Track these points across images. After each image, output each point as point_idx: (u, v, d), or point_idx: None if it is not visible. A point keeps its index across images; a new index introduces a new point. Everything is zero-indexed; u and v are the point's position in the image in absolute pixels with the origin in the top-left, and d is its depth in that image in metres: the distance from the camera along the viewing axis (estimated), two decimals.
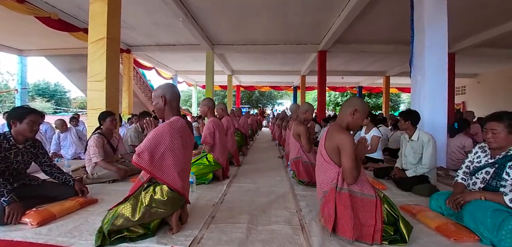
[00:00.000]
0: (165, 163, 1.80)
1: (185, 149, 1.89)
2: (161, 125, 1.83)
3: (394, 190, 2.97)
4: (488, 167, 2.02)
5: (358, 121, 1.87)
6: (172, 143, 1.79)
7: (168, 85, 2.00)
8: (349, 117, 1.87)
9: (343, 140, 1.74)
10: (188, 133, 1.96)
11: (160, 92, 1.93)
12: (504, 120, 1.92)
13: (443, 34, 3.72)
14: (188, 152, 1.94)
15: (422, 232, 1.88)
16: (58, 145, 4.91)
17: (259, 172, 3.84)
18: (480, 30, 8.20)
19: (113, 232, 1.75)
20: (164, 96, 1.91)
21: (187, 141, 1.92)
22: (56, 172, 2.56)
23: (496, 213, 1.75)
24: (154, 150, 1.75)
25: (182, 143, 1.85)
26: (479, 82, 15.10)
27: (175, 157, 1.81)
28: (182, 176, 1.86)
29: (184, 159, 1.88)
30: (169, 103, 1.93)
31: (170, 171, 1.80)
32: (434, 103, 3.69)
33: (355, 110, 1.85)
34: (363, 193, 1.77)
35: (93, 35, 4.07)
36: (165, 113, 1.94)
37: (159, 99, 1.92)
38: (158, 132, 1.78)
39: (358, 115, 1.86)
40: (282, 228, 1.93)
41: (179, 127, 1.85)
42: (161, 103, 1.92)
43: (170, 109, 1.94)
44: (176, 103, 1.97)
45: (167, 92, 1.93)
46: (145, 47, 10.23)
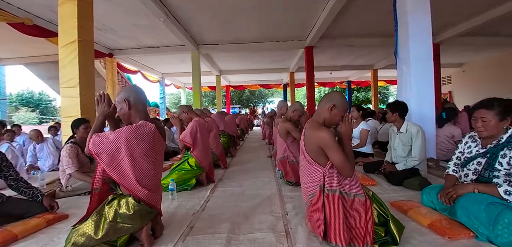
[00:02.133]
0: (124, 169, 1.61)
1: (150, 156, 1.70)
2: (125, 127, 1.64)
3: (384, 185, 2.87)
4: (479, 158, 1.92)
5: (335, 117, 1.73)
6: (133, 149, 1.61)
7: (131, 87, 1.82)
8: (327, 113, 1.73)
9: (323, 138, 1.60)
10: (158, 139, 1.78)
11: (122, 96, 1.75)
12: (494, 107, 1.81)
13: (426, 22, 3.66)
14: (155, 159, 1.75)
15: (414, 230, 1.77)
16: (35, 157, 4.63)
17: (246, 173, 3.68)
18: (462, 19, 8.28)
19: None
20: (128, 100, 1.73)
21: (155, 147, 1.74)
22: (23, 187, 2.35)
23: (491, 207, 1.64)
24: (115, 153, 1.58)
25: (146, 149, 1.66)
26: (464, 71, 15.37)
27: (135, 166, 1.62)
28: (148, 184, 1.68)
29: (151, 166, 1.70)
30: (134, 106, 1.75)
31: (130, 178, 1.62)
32: (420, 93, 3.62)
33: (333, 105, 1.71)
34: (352, 194, 1.63)
35: (63, 39, 3.83)
36: (132, 118, 1.76)
37: (122, 103, 1.74)
38: (120, 134, 1.60)
39: (336, 111, 1.71)
40: (265, 236, 1.77)
41: (146, 132, 1.67)
42: (125, 108, 1.73)
43: (136, 113, 1.76)
44: (143, 106, 1.79)
45: (130, 95, 1.75)
46: (128, 50, 9.90)
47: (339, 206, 1.56)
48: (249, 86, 20.57)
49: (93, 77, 4.10)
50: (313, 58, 9.93)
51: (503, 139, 1.82)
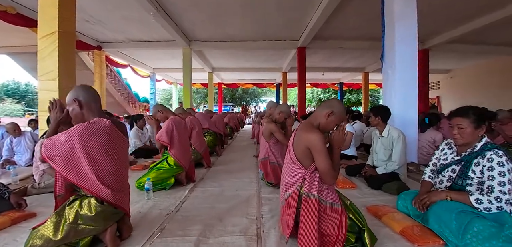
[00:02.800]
0: (83, 169, 1.54)
1: (109, 153, 1.62)
2: (76, 126, 1.57)
3: (364, 188, 2.86)
4: (454, 165, 1.92)
5: (330, 124, 1.69)
6: (88, 147, 1.53)
7: (80, 86, 1.73)
8: (324, 118, 1.69)
9: (313, 140, 1.56)
10: (116, 135, 1.69)
11: (71, 96, 1.66)
12: (470, 115, 1.81)
13: (413, 28, 3.68)
14: (115, 157, 1.67)
15: (386, 236, 1.76)
16: (11, 151, 4.46)
17: (229, 173, 3.63)
18: (451, 27, 8.43)
19: None
20: (78, 99, 1.65)
21: (113, 144, 1.66)
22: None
23: (461, 215, 1.64)
24: (69, 154, 1.51)
25: (103, 146, 1.59)
26: (452, 77, 15.67)
27: (94, 163, 1.55)
28: (110, 183, 1.61)
29: (113, 163, 1.63)
30: (86, 105, 1.66)
31: (90, 178, 1.55)
32: (404, 97, 3.64)
33: (331, 112, 1.67)
34: (328, 202, 1.59)
35: (43, 29, 3.69)
36: (85, 118, 1.66)
37: (73, 104, 1.65)
38: (71, 133, 1.52)
39: (332, 118, 1.68)
40: (236, 240, 1.73)
41: (99, 128, 1.60)
42: (77, 108, 1.65)
43: (90, 111, 1.67)
44: (96, 104, 1.70)
45: (80, 94, 1.66)
46: (117, 44, 9.69)
47: (315, 212, 1.53)
48: (242, 85, 20.49)
49: (74, 70, 3.96)
50: (305, 59, 9.94)
51: (477, 148, 1.82)
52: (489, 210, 1.64)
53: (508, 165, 1.67)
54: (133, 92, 15.35)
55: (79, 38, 8.31)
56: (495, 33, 8.85)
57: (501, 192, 1.62)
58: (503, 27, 8.02)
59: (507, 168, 1.66)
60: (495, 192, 1.63)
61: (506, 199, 1.62)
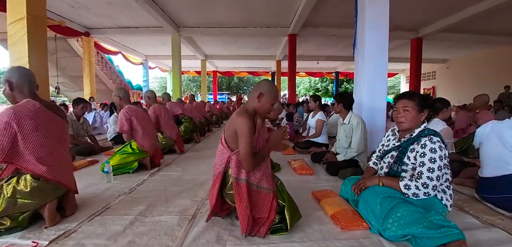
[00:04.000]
0: (19, 150, 1.61)
1: (43, 132, 1.68)
2: (4, 109, 1.62)
3: (322, 175, 2.91)
4: (393, 151, 1.94)
5: (265, 105, 1.69)
6: (19, 128, 1.59)
7: (15, 67, 1.77)
8: (256, 101, 1.69)
9: (240, 124, 1.58)
10: (48, 116, 1.74)
11: (4, 77, 1.71)
12: (415, 98, 1.84)
13: (384, 14, 3.61)
14: (50, 136, 1.72)
15: (317, 219, 1.81)
16: None
17: (198, 159, 3.69)
18: (445, 14, 8.29)
19: None
20: (9, 81, 1.69)
21: (46, 124, 1.71)
22: None
23: (387, 200, 1.66)
24: (0, 138, 1.55)
25: (35, 126, 1.64)
26: (448, 67, 15.54)
27: (28, 142, 1.61)
28: (46, 161, 1.67)
29: (45, 143, 1.68)
30: (18, 87, 1.70)
31: (27, 157, 1.62)
32: (373, 85, 3.63)
33: (260, 94, 1.67)
34: (260, 186, 1.64)
35: (11, 15, 3.69)
36: (16, 99, 1.71)
37: (4, 84, 1.70)
38: (1, 118, 1.57)
39: (264, 99, 1.67)
40: (170, 219, 1.79)
41: (29, 109, 1.64)
42: (7, 89, 1.70)
43: (21, 94, 1.71)
44: (29, 87, 1.73)
45: (12, 76, 1.70)
46: (105, 30, 9.64)
47: (245, 196, 1.58)
48: (237, 73, 20.41)
49: (45, 56, 3.98)
50: (297, 46, 9.88)
51: (415, 133, 1.84)
52: (417, 196, 1.65)
53: (440, 152, 1.66)
54: (126, 79, 15.32)
55: (65, 24, 8.26)
56: (490, 22, 8.72)
57: (429, 178, 1.62)
58: (498, 16, 7.91)
59: (439, 154, 1.65)
60: (423, 177, 1.63)
61: (433, 185, 1.62)
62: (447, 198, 1.76)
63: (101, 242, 1.51)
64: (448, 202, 1.76)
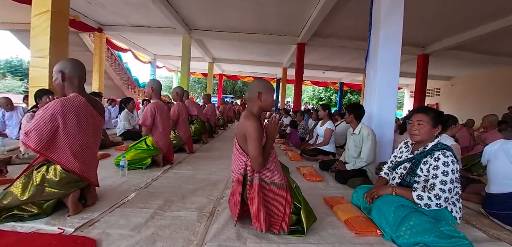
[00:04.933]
0: (57, 143, 1.68)
1: (83, 128, 1.76)
2: (53, 102, 1.69)
3: (330, 182, 2.97)
4: (406, 162, 2.02)
5: (268, 99, 1.80)
6: (64, 122, 1.66)
7: (70, 59, 1.85)
8: (258, 102, 1.79)
9: (247, 127, 1.67)
10: (89, 112, 1.82)
11: (58, 67, 1.79)
12: (430, 113, 1.92)
13: (398, 32, 3.71)
14: (88, 132, 1.80)
15: (331, 224, 1.87)
16: (3, 124, 4.63)
17: (207, 159, 3.76)
18: (453, 33, 8.39)
19: (3, 210, 1.65)
20: (63, 72, 1.78)
21: (87, 120, 1.79)
22: None
23: (400, 209, 1.74)
24: (42, 128, 1.62)
25: (78, 122, 1.72)
26: (452, 85, 15.59)
27: (69, 137, 1.69)
28: (80, 157, 1.74)
29: (82, 139, 1.76)
30: (69, 79, 1.79)
31: (63, 151, 1.69)
32: (384, 98, 3.70)
33: (259, 93, 1.78)
34: (273, 182, 1.72)
35: (36, 7, 3.83)
36: (65, 90, 1.80)
37: (57, 74, 1.78)
38: (47, 110, 1.65)
39: (264, 96, 1.78)
40: (189, 215, 1.86)
41: (76, 104, 1.73)
42: (59, 79, 1.78)
43: (70, 86, 1.80)
44: (78, 80, 1.83)
45: (66, 67, 1.79)
46: (118, 27, 9.81)
47: (259, 194, 1.65)
48: (242, 77, 20.55)
49: (66, 50, 4.10)
50: (305, 55, 9.98)
51: (428, 147, 1.91)
52: (429, 206, 1.73)
53: (453, 166, 1.74)
54: (133, 77, 15.50)
55: (80, 19, 8.43)
56: (496, 43, 8.81)
57: (441, 190, 1.70)
58: (504, 37, 7.98)
59: (452, 168, 1.73)
60: (436, 189, 1.71)
61: (445, 197, 1.71)
62: (457, 210, 1.83)
63: (125, 233, 1.57)
64: (457, 214, 1.83)
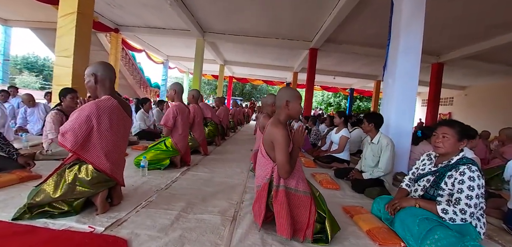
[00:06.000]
0: (91, 144, 1.74)
1: (114, 130, 1.82)
2: (88, 103, 1.75)
3: (347, 191, 2.96)
4: (429, 175, 2.01)
5: (296, 107, 1.84)
6: (98, 123, 1.72)
7: (101, 63, 1.92)
8: (286, 110, 1.83)
9: (276, 134, 1.70)
10: (120, 114, 1.88)
11: (90, 70, 1.86)
12: (456, 127, 1.91)
13: (417, 41, 3.68)
14: (119, 134, 1.86)
15: (353, 234, 1.87)
16: (25, 120, 4.79)
17: (222, 162, 3.80)
18: (468, 42, 8.24)
19: (35, 207, 1.71)
20: (95, 74, 1.84)
21: (117, 122, 1.85)
22: (1, 142, 2.48)
23: (425, 222, 1.73)
24: (78, 129, 1.68)
25: (110, 123, 1.78)
26: (466, 95, 15.25)
27: (102, 138, 1.75)
28: (110, 157, 1.80)
29: (113, 140, 1.81)
30: (101, 81, 1.86)
31: (96, 152, 1.75)
32: (402, 108, 3.67)
33: (286, 101, 1.82)
34: (298, 190, 1.74)
35: (63, 9, 3.96)
36: (98, 92, 1.87)
37: (90, 77, 1.84)
38: (83, 111, 1.71)
39: (292, 104, 1.83)
40: (212, 218, 1.89)
41: (109, 106, 1.79)
42: (92, 81, 1.84)
43: (102, 88, 1.87)
44: (110, 82, 1.90)
45: (98, 70, 1.85)
46: (134, 28, 10.02)
47: (285, 201, 1.67)
48: (252, 80, 20.62)
49: (88, 51, 4.22)
50: (317, 61, 9.96)
51: (453, 161, 1.90)
52: (454, 220, 1.72)
53: (479, 181, 1.73)
54: (146, 77, 15.78)
55: (99, 20, 8.66)
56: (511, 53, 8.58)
57: (467, 205, 1.69)
58: None
59: (477, 183, 1.72)
60: (461, 204, 1.70)
61: (471, 212, 1.69)
62: (481, 225, 1.81)
63: (153, 234, 1.61)
64: (481, 230, 1.80)
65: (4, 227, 1.57)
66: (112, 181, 1.87)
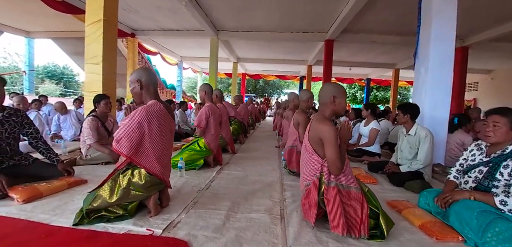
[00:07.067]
0: (143, 148, 1.78)
1: (163, 133, 1.86)
2: (137, 109, 1.80)
3: (385, 185, 2.90)
4: (481, 166, 1.93)
5: (341, 104, 1.83)
6: (149, 128, 1.76)
7: (144, 68, 1.97)
8: (332, 105, 1.82)
9: (325, 131, 1.69)
10: (167, 118, 1.92)
11: (135, 77, 1.90)
12: (508, 115, 1.82)
13: (451, 26, 3.52)
14: (167, 137, 1.91)
15: (405, 229, 1.83)
16: (59, 127, 4.99)
17: (252, 160, 3.81)
18: (494, 23, 7.81)
19: (92, 212, 1.77)
20: (140, 80, 1.88)
21: (165, 125, 1.89)
22: (41, 147, 2.51)
23: (483, 214, 1.67)
24: (132, 135, 1.73)
25: (159, 127, 1.82)
26: (492, 79, 14.50)
27: (153, 142, 1.79)
28: (161, 160, 1.85)
29: (162, 143, 1.86)
30: (146, 87, 1.90)
31: (149, 156, 1.79)
32: (436, 97, 3.54)
33: (333, 96, 1.81)
34: (348, 186, 1.71)
35: (90, 17, 4.05)
36: (143, 97, 1.91)
37: (135, 83, 1.88)
38: (134, 117, 1.75)
39: (338, 99, 1.82)
40: (261, 217, 1.90)
41: (157, 111, 1.83)
42: (137, 87, 1.88)
43: (148, 93, 1.91)
44: (153, 87, 1.94)
45: (142, 76, 1.89)
46: (149, 32, 10.18)
47: (337, 198, 1.65)
48: (265, 76, 20.53)
49: (115, 56, 4.33)
50: (333, 52, 9.77)
51: (508, 150, 1.82)
52: None
53: None
54: (161, 78, 16.07)
55: None
56: None
57: None
58: None
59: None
60: None
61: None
62: None
63: (209, 235, 1.63)
64: None
65: (67, 233, 1.64)
66: (162, 183, 1.92)
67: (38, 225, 1.69)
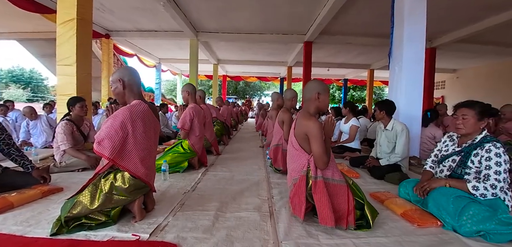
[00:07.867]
0: (127, 150, 1.70)
1: (148, 134, 1.79)
2: (121, 109, 1.71)
3: (367, 178, 3.02)
4: (454, 155, 2.07)
5: (325, 101, 1.89)
6: (132, 128, 1.69)
7: (126, 68, 1.90)
8: (316, 102, 1.88)
9: (310, 127, 1.73)
10: (152, 118, 1.86)
11: (117, 76, 1.81)
12: (475, 107, 1.97)
13: (421, 28, 3.76)
14: (151, 138, 1.84)
15: (388, 218, 1.91)
16: (28, 133, 4.65)
17: (237, 161, 3.80)
18: (459, 26, 8.43)
19: (71, 220, 1.67)
20: (122, 80, 1.80)
21: (150, 126, 1.83)
22: (14, 154, 2.36)
23: (458, 199, 1.80)
24: (115, 136, 1.65)
25: (144, 128, 1.75)
26: (458, 77, 15.66)
27: (137, 143, 1.72)
28: (145, 162, 1.78)
29: (147, 145, 1.79)
30: (129, 86, 1.82)
31: (132, 158, 1.72)
32: (410, 94, 3.75)
33: (318, 93, 1.86)
34: (334, 179, 1.76)
35: (61, 16, 3.83)
36: (126, 97, 1.83)
37: (117, 83, 1.80)
38: (117, 117, 1.67)
39: (322, 96, 1.87)
40: (250, 215, 1.90)
41: (141, 111, 1.76)
42: (120, 87, 1.80)
43: (131, 93, 1.83)
44: (137, 87, 1.86)
45: (125, 75, 1.81)
46: (125, 33, 9.81)
47: (325, 191, 1.69)
48: (246, 78, 20.57)
49: (90, 57, 4.13)
50: (312, 54, 10.01)
51: (477, 139, 1.97)
52: (485, 196, 1.80)
53: (504, 156, 1.82)
54: None
55: None
56: (502, 34, 8.85)
57: (497, 180, 1.77)
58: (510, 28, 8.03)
59: (503, 159, 1.81)
60: (491, 180, 1.78)
61: (501, 186, 1.78)
62: (509, 199, 1.89)
63: (199, 236, 1.60)
64: (509, 203, 1.88)
65: (45, 244, 1.53)
66: (147, 187, 1.85)
67: (11, 237, 1.56)
